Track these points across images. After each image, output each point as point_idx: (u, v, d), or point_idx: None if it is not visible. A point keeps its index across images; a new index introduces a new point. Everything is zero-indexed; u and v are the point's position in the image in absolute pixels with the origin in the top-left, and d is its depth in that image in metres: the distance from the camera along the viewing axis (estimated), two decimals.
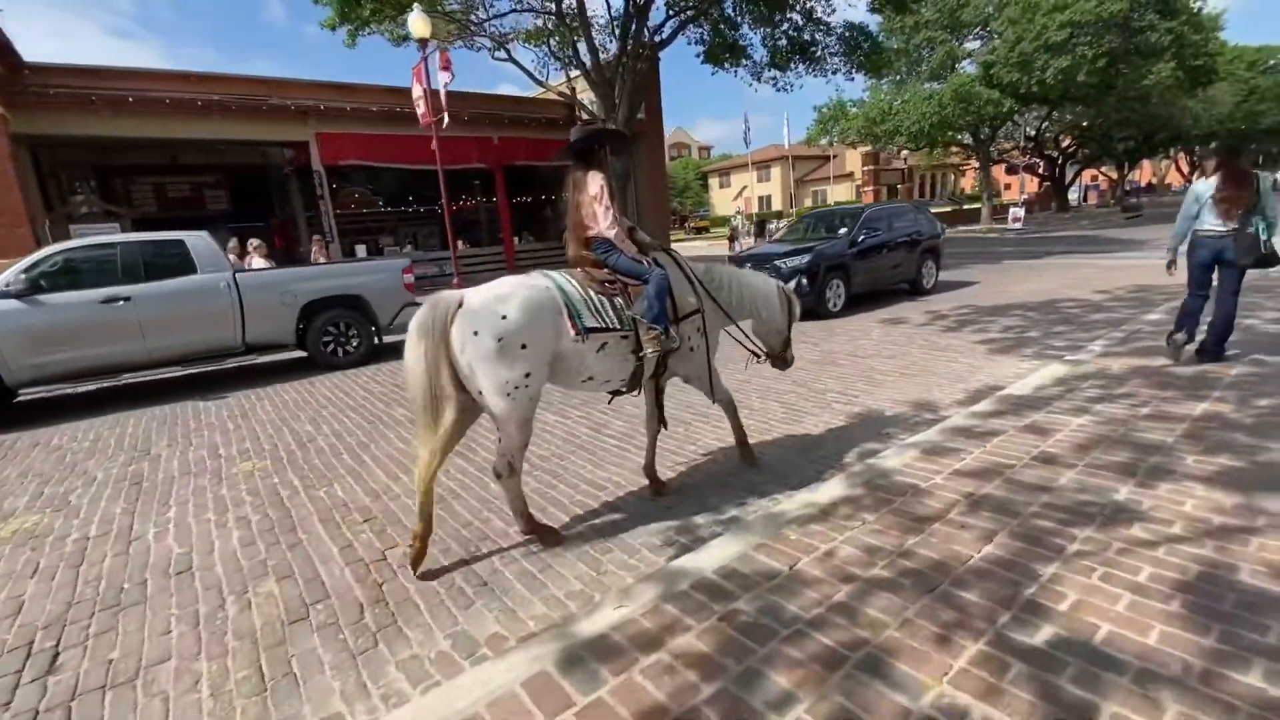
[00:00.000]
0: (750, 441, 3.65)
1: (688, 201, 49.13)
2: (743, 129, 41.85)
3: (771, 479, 3.39)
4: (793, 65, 18.68)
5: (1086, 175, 48.85)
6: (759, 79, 19.06)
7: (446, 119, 11.37)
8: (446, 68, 11.03)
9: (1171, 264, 5.02)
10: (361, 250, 16.56)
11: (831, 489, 2.97)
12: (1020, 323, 7.27)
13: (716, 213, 55.10)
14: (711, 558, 2.45)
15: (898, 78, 26.64)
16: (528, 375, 2.58)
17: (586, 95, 17.24)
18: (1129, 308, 7.64)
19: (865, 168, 28.90)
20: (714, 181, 63.14)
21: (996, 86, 22.66)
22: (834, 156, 51.41)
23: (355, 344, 7.78)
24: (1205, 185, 4.53)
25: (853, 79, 18.75)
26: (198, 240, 6.92)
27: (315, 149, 14.57)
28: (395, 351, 8.24)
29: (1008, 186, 49.73)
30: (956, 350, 6.18)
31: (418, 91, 11.63)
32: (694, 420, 4.50)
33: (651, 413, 3.35)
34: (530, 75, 16.22)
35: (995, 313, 8.03)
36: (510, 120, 17.23)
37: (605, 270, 2.97)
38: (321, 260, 12.44)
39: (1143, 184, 55.34)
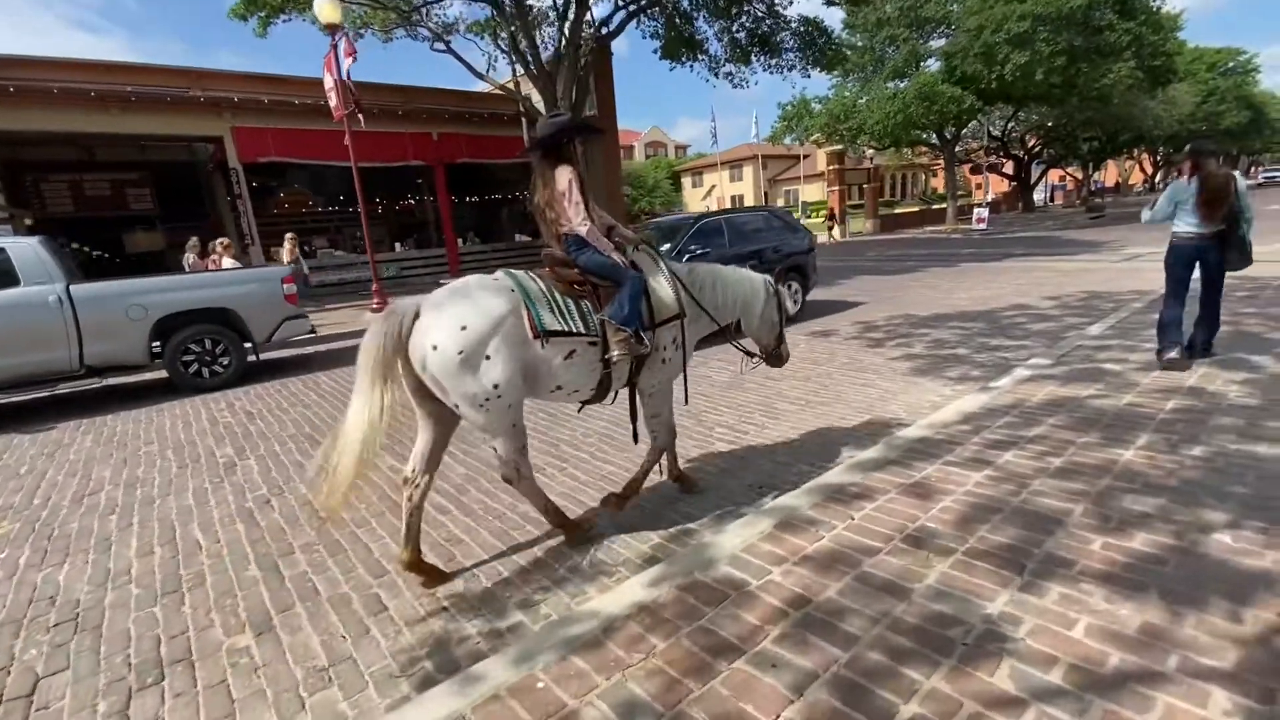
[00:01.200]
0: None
1: (656, 201, 48.40)
2: (722, 128, 41.32)
3: (561, 573, 2.63)
4: (752, 60, 18.11)
5: (1054, 175, 49.23)
6: (716, 75, 18.44)
7: (359, 113, 10.49)
8: (350, 54, 10.14)
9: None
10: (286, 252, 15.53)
11: (629, 594, 2.25)
12: (955, 337, 6.67)
13: (689, 212, 54.64)
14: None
15: (863, 76, 26.24)
16: (496, 386, 2.41)
17: (534, 90, 16.47)
18: (1075, 316, 7.10)
19: (829, 167, 28.30)
20: (686, 181, 62.59)
21: (959, 82, 22.30)
22: (805, 156, 51.16)
23: (225, 363, 6.92)
24: (1183, 187, 4.41)
25: (809, 75, 18.29)
26: (24, 247, 6.03)
27: (231, 144, 13.56)
28: (274, 370, 7.66)
29: (979, 186, 49.91)
30: (876, 371, 5.54)
31: (329, 83, 10.74)
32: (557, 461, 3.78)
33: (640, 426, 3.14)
34: (470, 68, 15.31)
35: (932, 323, 7.44)
36: (451, 116, 16.36)
37: (575, 270, 2.76)
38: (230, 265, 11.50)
39: (1108, 184, 56.13)
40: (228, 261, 10.60)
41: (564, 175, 2.72)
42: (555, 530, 2.87)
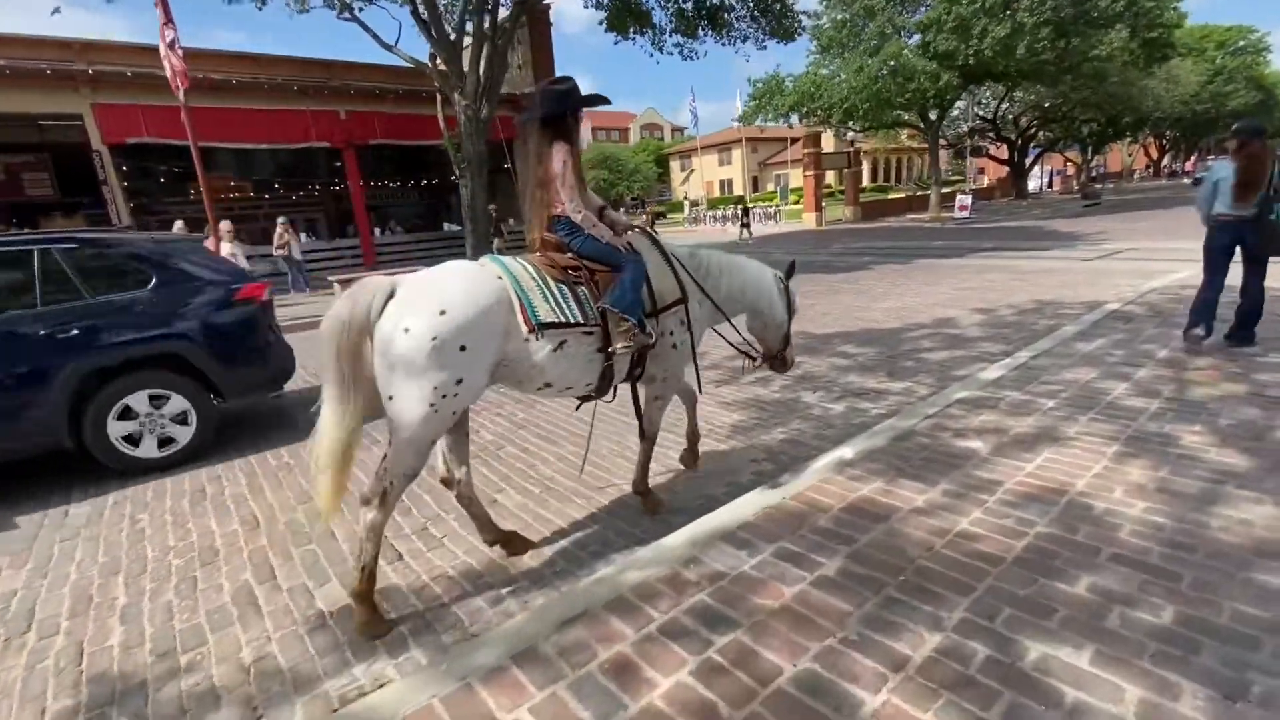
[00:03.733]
0: None
1: (635, 185, 46.54)
2: (733, 108, 38.64)
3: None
4: (699, 32, 16.43)
5: (1056, 161, 47.11)
6: (660, 49, 16.76)
7: (181, 82, 8.97)
8: (167, 22, 8.61)
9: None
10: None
11: None
12: (830, 371, 5.17)
13: (676, 197, 52.62)
14: None
15: (841, 51, 24.33)
16: (459, 382, 2.14)
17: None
18: (989, 342, 5.60)
19: (805, 150, 26.54)
20: (674, 164, 60.56)
21: (937, 59, 20.48)
22: (796, 140, 49.10)
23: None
24: (1224, 167, 4.39)
25: (764, 47, 16.49)
26: None
27: (93, 124, 12.06)
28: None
29: (981, 171, 47.85)
30: (677, 432, 4.01)
31: (162, 50, 9.20)
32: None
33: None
34: (377, 38, 13.65)
35: (815, 349, 5.92)
36: (359, 92, 14.75)
37: (569, 255, 2.53)
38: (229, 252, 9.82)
39: (1112, 170, 53.83)
40: (227, 248, 9.68)
41: (559, 154, 2.48)
42: None
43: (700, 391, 3.15)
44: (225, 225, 10.05)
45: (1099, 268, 9.62)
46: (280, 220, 12.91)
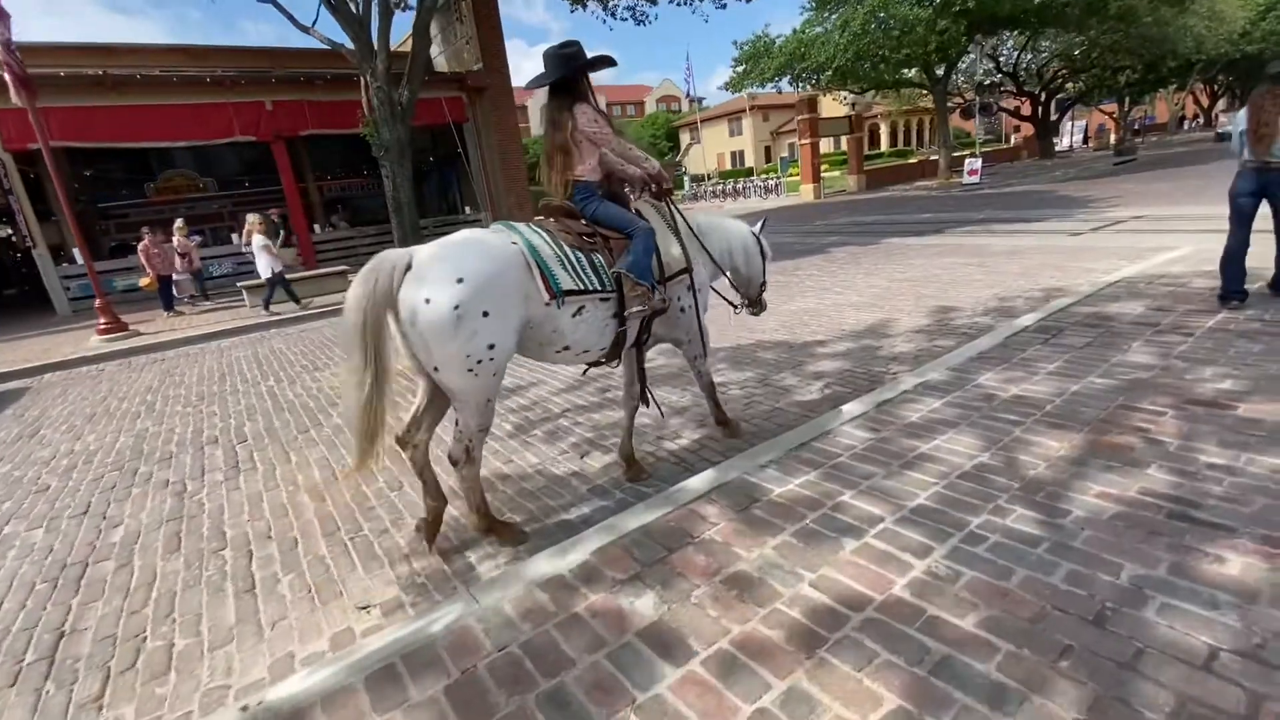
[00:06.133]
0: None
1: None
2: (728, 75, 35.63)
3: None
4: None
5: (1096, 116, 43.31)
6: (613, 14, 15.29)
7: (20, 84, 8.09)
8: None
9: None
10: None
11: None
12: (642, 421, 3.98)
13: (690, 170, 50.43)
14: None
15: (839, 6, 22.22)
16: (491, 347, 2.21)
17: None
18: (844, 384, 4.31)
19: (799, 117, 24.56)
20: (684, 137, 58.25)
21: (933, 6, 18.35)
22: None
23: None
24: (1245, 115, 4.28)
25: (724, 6, 14.84)
26: None
27: None
28: None
29: (1016, 129, 44.39)
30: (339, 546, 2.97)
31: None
32: None
33: (630, 387, 3.04)
34: (292, 19, 12.57)
35: (675, 376, 4.72)
36: (283, 81, 13.74)
37: (583, 221, 2.63)
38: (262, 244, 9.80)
39: (1161, 122, 49.31)
40: (258, 240, 9.59)
41: (584, 114, 2.55)
42: None
43: (701, 370, 3.19)
44: (253, 218, 10.03)
45: (1083, 245, 8.05)
46: (251, 217, 11.71)
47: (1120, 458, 2.52)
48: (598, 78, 2.87)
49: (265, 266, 9.81)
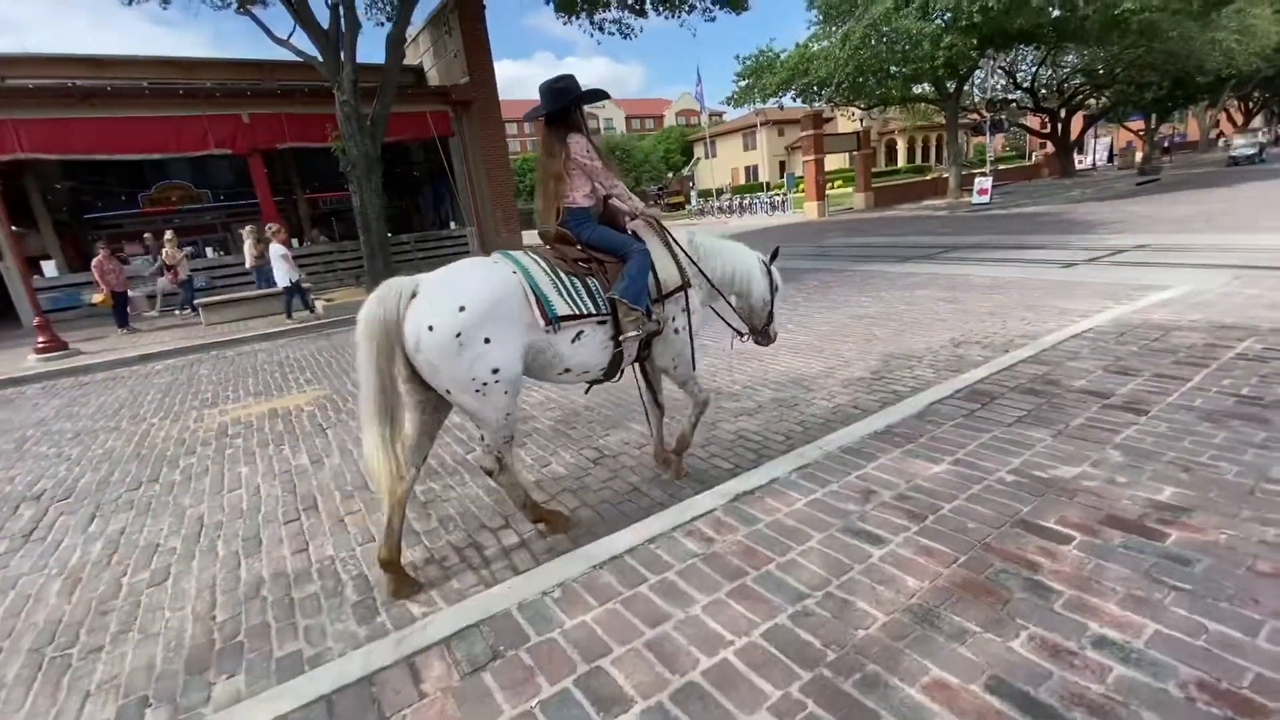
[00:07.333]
0: None
1: (645, 177, 44.33)
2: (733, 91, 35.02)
3: None
4: (647, 10, 14.51)
5: (1123, 134, 41.78)
6: (600, 28, 14.90)
7: None
8: None
9: None
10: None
11: None
12: (458, 505, 3.40)
13: (704, 185, 49.85)
14: None
15: (849, 19, 21.58)
16: (495, 371, 2.30)
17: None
18: (726, 456, 3.68)
19: (804, 133, 23.94)
20: (699, 151, 57.75)
21: (945, 24, 17.65)
22: (828, 120, 45.44)
23: None
24: None
25: (714, 19, 14.34)
26: None
27: None
28: None
29: (1042, 146, 43.13)
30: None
31: None
32: None
33: (650, 399, 3.20)
34: (269, 33, 12.36)
35: (520, 439, 4.14)
36: (259, 94, 13.54)
37: (578, 247, 2.71)
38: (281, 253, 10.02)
39: (1193, 139, 47.42)
40: (277, 249, 9.85)
41: (577, 145, 2.66)
42: None
43: (695, 395, 3.15)
44: (272, 227, 10.45)
45: (1070, 279, 7.30)
46: (270, 226, 11.53)
47: (982, 616, 1.87)
48: (622, 92, 2.79)
49: (283, 275, 9.96)
